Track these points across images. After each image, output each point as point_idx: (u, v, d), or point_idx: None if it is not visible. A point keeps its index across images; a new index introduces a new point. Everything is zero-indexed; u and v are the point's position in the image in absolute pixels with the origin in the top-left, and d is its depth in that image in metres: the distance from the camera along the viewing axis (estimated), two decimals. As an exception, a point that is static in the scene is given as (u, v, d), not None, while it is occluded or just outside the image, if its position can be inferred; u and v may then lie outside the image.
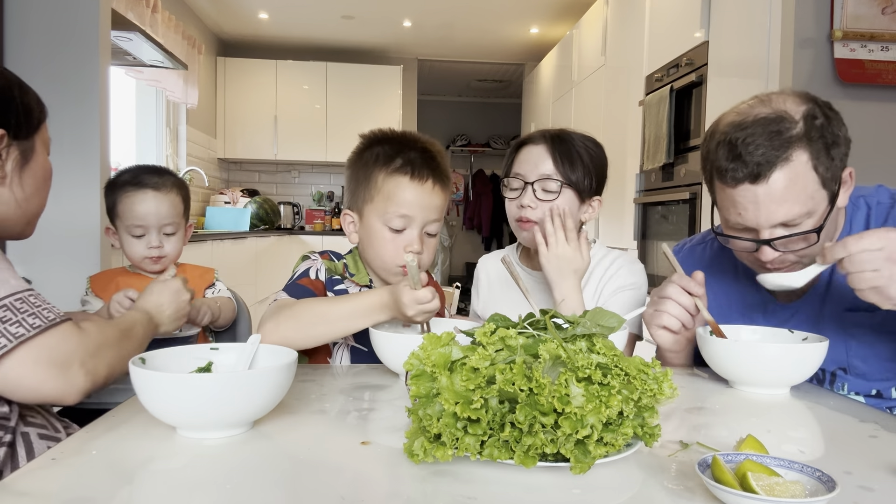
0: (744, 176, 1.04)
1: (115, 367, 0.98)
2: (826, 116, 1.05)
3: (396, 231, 1.23)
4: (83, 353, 0.90)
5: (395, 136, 1.28)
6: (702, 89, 2.88)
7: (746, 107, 1.09)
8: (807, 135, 1.03)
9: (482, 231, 8.30)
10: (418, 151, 1.24)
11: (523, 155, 1.40)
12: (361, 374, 1.13)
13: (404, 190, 1.21)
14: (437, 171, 1.24)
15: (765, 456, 0.65)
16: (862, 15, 2.25)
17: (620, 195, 3.78)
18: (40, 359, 0.86)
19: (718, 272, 1.30)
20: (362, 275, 1.30)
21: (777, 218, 1.05)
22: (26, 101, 1.04)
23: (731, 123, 1.07)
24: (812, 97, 1.08)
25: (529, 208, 1.36)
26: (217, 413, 0.75)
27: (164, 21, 4.28)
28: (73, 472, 0.66)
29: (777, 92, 1.10)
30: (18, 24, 2.51)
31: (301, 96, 6.27)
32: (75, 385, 0.90)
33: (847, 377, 1.16)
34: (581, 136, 1.40)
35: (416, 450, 0.67)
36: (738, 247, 1.14)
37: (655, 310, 1.15)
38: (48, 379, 0.87)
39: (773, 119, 1.04)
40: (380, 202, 1.23)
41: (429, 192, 1.23)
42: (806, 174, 1.03)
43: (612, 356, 0.70)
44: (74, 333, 0.91)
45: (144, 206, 1.51)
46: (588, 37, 4.62)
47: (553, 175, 1.35)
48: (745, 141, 1.04)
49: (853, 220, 1.16)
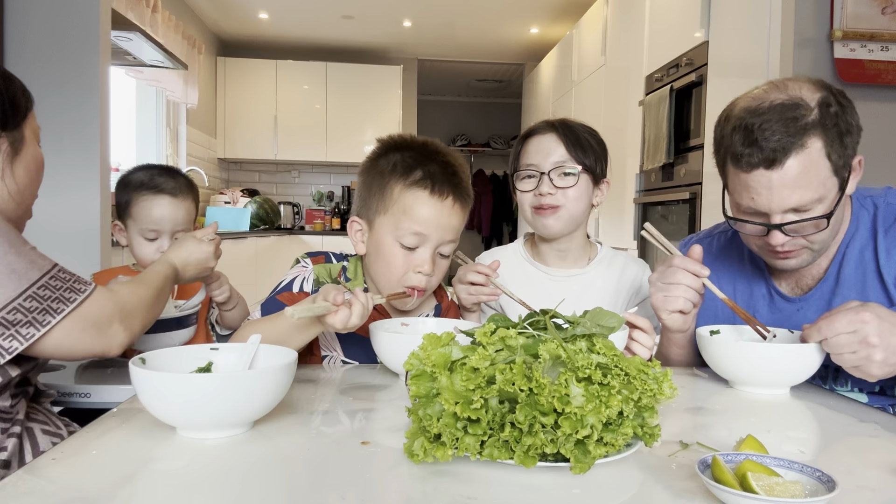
0: (759, 161, 1.05)
1: (148, 321, 1.09)
2: (840, 104, 1.06)
3: (408, 249, 1.15)
4: (119, 314, 1.00)
5: (416, 145, 1.19)
6: (702, 89, 2.88)
7: (762, 92, 1.09)
8: (821, 122, 1.04)
9: (482, 231, 8.30)
10: (440, 164, 1.15)
11: (532, 146, 1.40)
12: (361, 374, 1.13)
13: (422, 205, 1.13)
14: (459, 188, 1.16)
15: (765, 456, 0.65)
16: (862, 15, 2.25)
17: (620, 195, 3.78)
18: (84, 325, 0.95)
19: (724, 266, 1.31)
20: (358, 282, 1.25)
21: (789, 203, 1.05)
22: (11, 91, 1.03)
23: (747, 109, 1.08)
24: (827, 84, 1.09)
25: (549, 195, 1.36)
26: (217, 413, 0.75)
27: (164, 21, 4.28)
28: (73, 472, 0.66)
29: (792, 78, 1.10)
30: (19, 24, 2.51)
31: (301, 96, 6.27)
32: (116, 339, 1.00)
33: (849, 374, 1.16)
34: (579, 123, 1.42)
35: (416, 450, 0.67)
36: (748, 231, 1.14)
37: (666, 296, 1.14)
38: (93, 340, 0.97)
39: (790, 105, 1.04)
40: (393, 216, 1.15)
41: (448, 211, 1.15)
42: (819, 161, 1.04)
43: (612, 356, 0.70)
44: (108, 298, 1.00)
45: (160, 211, 1.51)
46: (588, 37, 4.62)
47: (568, 161, 1.36)
48: (762, 126, 1.04)
49: (860, 218, 1.17)
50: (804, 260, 1.13)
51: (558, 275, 1.45)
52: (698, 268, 1.12)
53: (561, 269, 1.46)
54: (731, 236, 1.33)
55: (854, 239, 1.16)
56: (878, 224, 1.14)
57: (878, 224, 1.15)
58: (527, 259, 1.49)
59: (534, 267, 1.47)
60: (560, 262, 1.46)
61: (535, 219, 1.40)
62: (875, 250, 1.13)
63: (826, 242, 1.12)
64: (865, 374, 0.96)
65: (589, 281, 1.44)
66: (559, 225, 1.38)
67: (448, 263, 1.23)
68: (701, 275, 1.12)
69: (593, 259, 1.47)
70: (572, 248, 1.45)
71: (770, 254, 1.14)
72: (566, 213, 1.37)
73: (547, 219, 1.37)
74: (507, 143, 8.36)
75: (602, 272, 1.45)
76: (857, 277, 1.15)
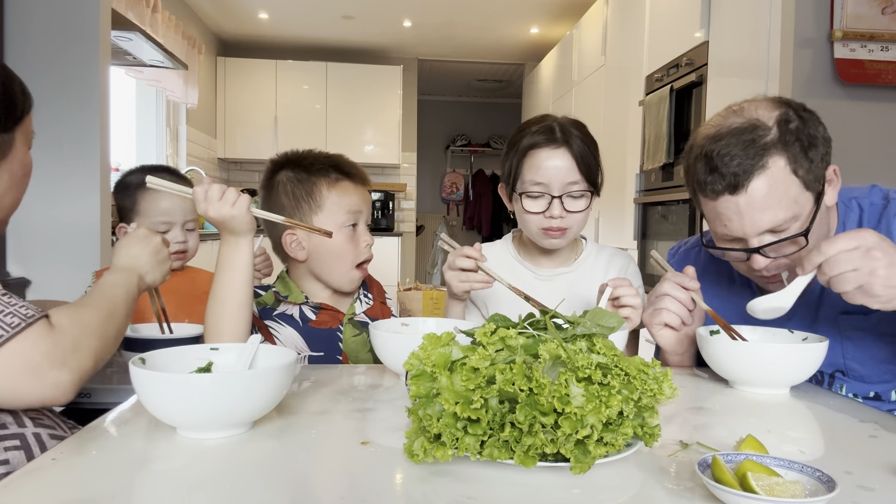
0: (723, 188, 1.04)
1: (103, 351, 0.90)
2: (801, 118, 1.05)
3: (351, 228, 1.33)
4: (60, 354, 0.82)
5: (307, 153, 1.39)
6: (702, 89, 2.88)
7: (720, 118, 1.09)
8: (781, 139, 1.03)
9: (482, 231, 8.29)
10: (341, 161, 1.37)
11: (542, 162, 1.33)
12: (361, 374, 1.13)
13: (351, 194, 1.33)
14: (362, 172, 1.39)
15: (765, 456, 0.65)
16: (862, 15, 2.25)
17: (620, 195, 3.78)
18: (16, 368, 0.79)
19: (714, 274, 1.30)
20: (296, 294, 1.32)
21: (762, 225, 1.05)
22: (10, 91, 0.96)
23: (707, 136, 1.08)
24: (785, 101, 1.08)
25: (560, 218, 1.34)
26: (217, 413, 0.75)
27: (164, 21, 4.27)
28: (73, 472, 0.66)
29: (749, 100, 1.10)
30: (19, 24, 2.51)
31: (301, 96, 6.27)
32: (60, 386, 0.82)
33: (845, 380, 1.16)
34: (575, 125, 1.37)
35: (416, 450, 0.67)
36: (730, 258, 1.14)
37: (654, 309, 1.15)
38: (25, 386, 0.80)
39: (747, 128, 1.04)
40: (329, 209, 1.30)
41: (364, 191, 1.37)
42: (785, 179, 1.03)
43: (612, 356, 0.70)
44: (46, 335, 0.82)
45: (169, 202, 1.54)
46: (588, 37, 4.62)
47: (578, 183, 1.33)
48: (720, 153, 1.04)
49: (846, 221, 1.16)
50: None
51: (546, 274, 1.45)
52: (687, 281, 1.13)
53: (549, 268, 1.46)
54: None
55: None
56: (865, 225, 1.14)
57: (863, 226, 1.14)
58: (514, 257, 1.49)
59: (521, 265, 1.47)
60: (548, 262, 1.46)
61: (543, 238, 1.38)
62: None
63: None
64: (869, 296, 0.93)
65: (576, 278, 1.44)
66: (566, 242, 1.40)
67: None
68: (690, 288, 1.13)
69: (579, 256, 1.47)
70: (562, 249, 1.45)
71: (757, 278, 1.15)
72: (572, 233, 1.38)
73: (556, 239, 1.37)
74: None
75: (588, 268, 1.45)
76: None
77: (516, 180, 1.38)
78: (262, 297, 1.33)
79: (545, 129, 1.36)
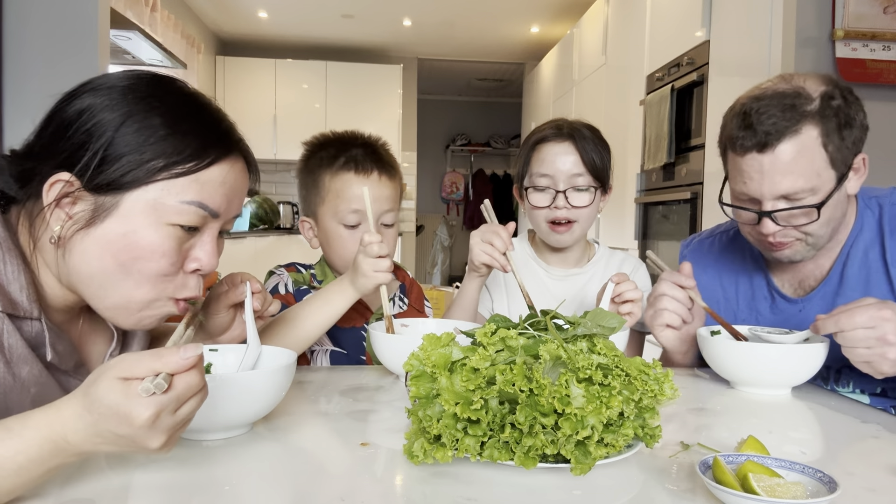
0: (752, 144, 1.06)
1: None
2: (845, 99, 1.07)
3: (352, 227, 1.25)
4: None
5: (337, 137, 1.30)
6: (703, 89, 2.88)
7: (769, 83, 1.11)
8: (821, 111, 1.04)
9: (482, 230, 8.28)
10: (360, 147, 1.27)
11: (545, 156, 1.37)
12: (361, 374, 1.13)
13: (351, 185, 1.23)
14: (381, 162, 1.26)
15: (766, 457, 0.65)
16: (863, 14, 2.24)
17: (621, 195, 3.78)
18: None
19: (727, 265, 1.31)
20: (330, 280, 1.29)
21: (780, 189, 1.06)
22: (182, 134, 0.75)
23: (751, 96, 1.10)
24: (834, 80, 1.10)
25: (565, 210, 1.36)
26: (217, 414, 0.75)
27: (163, 20, 4.27)
28: (73, 472, 0.66)
29: (803, 73, 1.12)
30: (17, 24, 2.51)
31: (301, 95, 6.27)
32: None
33: (852, 374, 1.15)
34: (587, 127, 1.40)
35: (415, 451, 0.67)
36: (740, 218, 1.15)
37: (655, 310, 1.15)
38: None
39: (790, 93, 1.06)
40: (331, 202, 1.25)
41: (376, 183, 1.25)
42: (814, 149, 1.04)
43: (612, 357, 0.69)
44: None
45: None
46: (589, 36, 4.62)
47: (583, 177, 1.35)
48: (759, 111, 1.06)
49: (864, 219, 1.17)
50: (798, 252, 1.13)
51: (558, 274, 1.47)
52: (683, 279, 1.13)
53: (562, 268, 1.47)
54: (734, 236, 1.33)
55: (858, 239, 1.15)
56: (885, 225, 1.14)
57: (884, 225, 1.14)
58: (530, 255, 1.50)
59: (536, 264, 1.49)
60: (561, 263, 1.48)
61: (549, 233, 1.40)
62: (882, 251, 1.13)
63: (822, 237, 1.11)
64: (874, 371, 0.95)
65: (587, 280, 1.46)
66: (572, 239, 1.40)
67: (394, 233, 1.30)
68: (685, 285, 1.13)
69: (591, 259, 1.49)
70: (574, 250, 1.47)
71: (763, 244, 1.15)
72: (579, 228, 1.39)
73: (562, 235, 1.38)
74: (507, 143, 8.35)
75: (599, 271, 1.47)
76: (862, 278, 1.14)
77: (524, 175, 1.42)
78: (302, 274, 1.31)
79: (553, 125, 1.40)
